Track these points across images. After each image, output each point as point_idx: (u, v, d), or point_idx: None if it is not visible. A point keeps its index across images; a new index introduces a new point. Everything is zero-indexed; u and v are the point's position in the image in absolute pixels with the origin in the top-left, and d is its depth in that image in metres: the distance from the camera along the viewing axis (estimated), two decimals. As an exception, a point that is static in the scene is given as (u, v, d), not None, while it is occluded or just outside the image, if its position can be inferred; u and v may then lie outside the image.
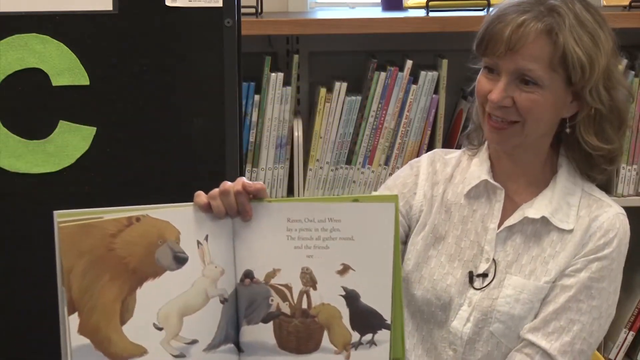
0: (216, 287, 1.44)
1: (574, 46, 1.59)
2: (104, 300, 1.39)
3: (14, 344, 1.71)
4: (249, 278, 1.46)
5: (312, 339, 1.47)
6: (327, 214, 1.45)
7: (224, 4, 1.69)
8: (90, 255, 1.38)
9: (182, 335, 1.42)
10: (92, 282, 1.38)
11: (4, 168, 1.68)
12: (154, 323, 1.41)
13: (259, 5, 2.50)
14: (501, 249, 1.70)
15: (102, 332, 1.39)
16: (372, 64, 2.52)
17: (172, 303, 1.42)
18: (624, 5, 2.55)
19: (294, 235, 1.45)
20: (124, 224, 1.40)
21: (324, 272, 1.45)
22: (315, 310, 1.46)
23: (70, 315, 1.38)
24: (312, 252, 1.45)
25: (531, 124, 1.63)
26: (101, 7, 1.68)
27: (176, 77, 1.70)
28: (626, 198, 2.56)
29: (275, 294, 1.46)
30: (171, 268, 1.42)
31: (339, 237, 1.45)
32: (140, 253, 1.40)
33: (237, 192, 1.42)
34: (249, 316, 1.46)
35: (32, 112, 1.68)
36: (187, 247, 1.42)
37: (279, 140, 2.51)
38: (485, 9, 2.54)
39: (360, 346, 1.45)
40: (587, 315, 1.65)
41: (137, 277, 1.40)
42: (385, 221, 1.44)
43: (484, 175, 1.72)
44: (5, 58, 1.67)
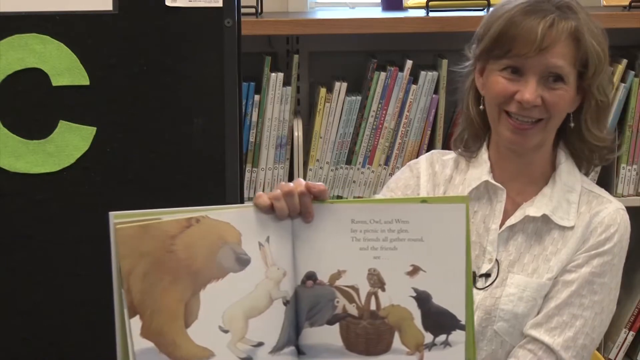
0: (279, 289, 1.42)
1: (593, 44, 1.64)
2: (166, 303, 1.35)
3: (13, 344, 1.71)
4: (311, 280, 1.44)
5: (382, 341, 1.45)
6: (394, 215, 1.43)
7: (224, 4, 1.69)
8: (150, 257, 1.35)
9: (248, 338, 1.40)
10: (153, 285, 1.35)
11: (4, 168, 1.68)
12: (219, 325, 1.38)
13: (259, 5, 2.50)
14: (503, 248, 1.70)
15: (166, 335, 1.35)
16: (372, 64, 2.52)
17: (237, 305, 1.39)
18: (624, 5, 2.55)
19: (359, 236, 1.44)
20: (184, 225, 1.37)
21: (393, 273, 1.43)
22: (384, 312, 1.44)
23: (132, 319, 1.34)
24: (379, 254, 1.43)
25: (555, 121, 1.67)
26: (101, 7, 1.68)
27: (176, 77, 1.70)
28: (626, 198, 2.56)
29: (340, 295, 1.44)
30: (234, 270, 1.39)
31: (407, 238, 1.43)
32: (202, 255, 1.37)
33: (301, 193, 1.40)
34: (312, 318, 1.44)
35: (32, 112, 1.68)
36: (249, 249, 1.40)
37: (279, 140, 2.51)
38: (485, 9, 2.54)
39: (434, 347, 1.43)
40: (590, 310, 1.65)
41: (200, 279, 1.37)
42: (456, 222, 1.42)
43: (484, 176, 1.72)
44: (5, 58, 1.67)
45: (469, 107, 1.76)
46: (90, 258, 1.71)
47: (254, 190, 2.52)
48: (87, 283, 1.71)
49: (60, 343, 1.71)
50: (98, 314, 1.72)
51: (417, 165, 1.82)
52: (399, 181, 1.82)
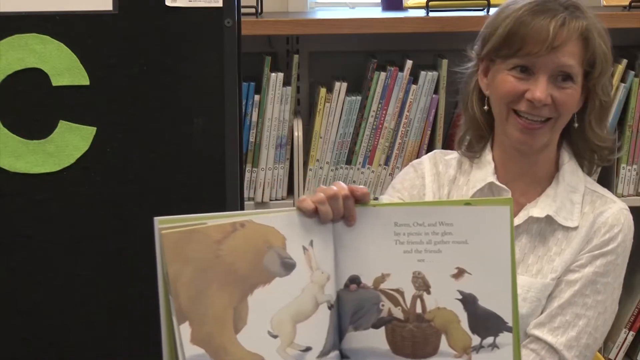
0: (324, 293, 1.41)
1: (601, 44, 1.66)
2: (215, 309, 1.33)
3: (13, 344, 1.71)
4: (355, 283, 1.43)
5: (429, 344, 1.44)
6: (438, 218, 1.42)
7: (224, 4, 1.69)
8: (197, 262, 1.32)
9: (296, 343, 1.39)
10: (201, 291, 1.32)
11: (4, 168, 1.68)
12: (268, 330, 1.37)
13: (259, 5, 2.50)
14: None
15: (216, 341, 1.33)
16: (372, 64, 2.52)
17: (284, 310, 1.38)
18: (624, 5, 2.55)
19: (403, 239, 1.43)
20: (229, 230, 1.35)
21: (438, 276, 1.43)
22: (430, 315, 1.43)
23: (181, 325, 1.31)
24: (423, 256, 1.43)
25: (562, 120, 1.68)
26: (101, 7, 1.68)
27: (176, 77, 1.70)
28: (626, 198, 2.56)
29: (385, 299, 1.43)
30: (280, 274, 1.37)
31: (452, 240, 1.42)
32: (248, 259, 1.36)
33: (345, 196, 1.40)
34: (356, 322, 1.43)
35: (32, 112, 1.68)
36: (293, 253, 1.39)
37: (279, 140, 2.51)
38: (485, 9, 2.54)
39: (481, 349, 1.42)
40: (593, 309, 1.66)
41: (248, 284, 1.35)
42: (501, 224, 1.42)
43: (489, 178, 1.72)
44: (5, 58, 1.67)
45: (473, 108, 1.75)
46: (90, 258, 1.71)
47: (254, 190, 2.52)
48: (87, 283, 1.71)
49: (60, 343, 1.71)
50: (98, 314, 1.72)
51: (421, 166, 1.81)
52: (404, 182, 1.81)
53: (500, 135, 1.72)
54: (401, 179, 1.82)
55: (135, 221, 1.71)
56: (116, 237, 1.71)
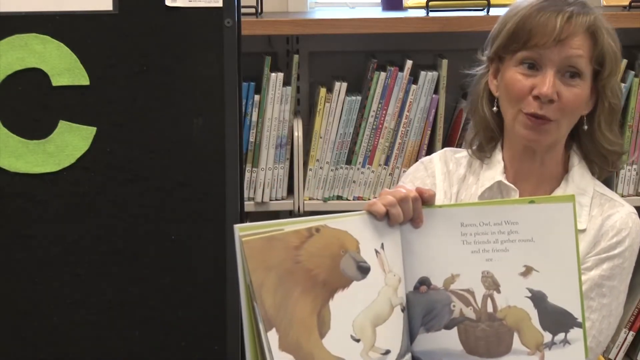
0: (397, 295, 1.42)
1: (610, 43, 1.65)
2: (300, 315, 1.34)
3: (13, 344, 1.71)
4: (425, 285, 1.44)
5: (502, 342, 1.45)
6: (503, 217, 1.44)
7: (224, 4, 1.69)
8: (279, 269, 1.33)
9: (377, 346, 1.40)
10: (284, 297, 1.33)
11: (4, 168, 1.68)
12: (351, 335, 1.37)
13: (259, 5, 2.50)
14: None
15: (303, 348, 1.34)
16: (372, 64, 2.52)
17: (364, 313, 1.39)
18: (624, 5, 2.55)
19: (470, 239, 1.44)
20: (305, 235, 1.36)
21: (506, 274, 1.44)
22: (501, 314, 1.44)
23: (269, 332, 1.31)
24: (490, 256, 1.44)
25: (569, 119, 1.66)
26: (101, 7, 1.68)
27: (176, 77, 1.70)
28: (626, 198, 2.56)
29: (456, 299, 1.44)
30: (357, 278, 1.39)
31: (518, 239, 1.44)
32: (327, 264, 1.36)
33: (414, 198, 1.41)
34: (428, 324, 1.44)
35: (32, 112, 1.68)
36: (367, 256, 1.40)
37: (279, 140, 2.51)
38: (485, 9, 2.54)
39: (553, 346, 1.44)
40: (597, 312, 1.65)
41: (328, 289, 1.36)
42: (565, 220, 1.44)
43: (498, 177, 1.72)
44: (5, 58, 1.67)
45: (483, 110, 1.75)
46: (90, 258, 1.71)
47: (254, 190, 2.52)
48: (87, 283, 1.71)
49: (60, 343, 1.71)
50: (98, 314, 1.72)
51: (431, 164, 1.81)
52: (415, 180, 1.81)
53: (510, 136, 1.73)
54: (411, 177, 1.82)
55: (135, 221, 1.71)
56: (116, 237, 1.71)
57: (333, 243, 1.38)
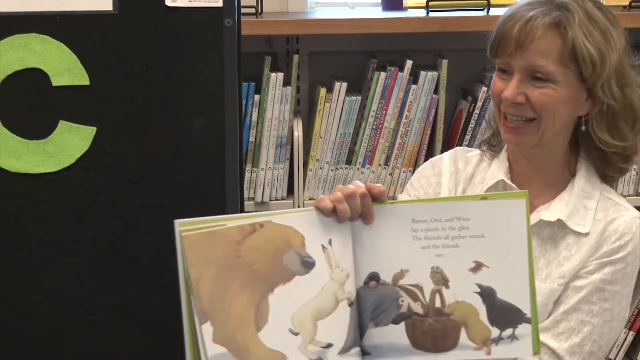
0: (344, 290, 1.43)
1: (584, 40, 1.60)
2: (237, 308, 1.36)
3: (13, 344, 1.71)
4: (374, 280, 1.46)
5: (449, 337, 1.46)
6: (454, 213, 1.45)
7: (224, 4, 1.69)
8: (218, 263, 1.35)
9: (317, 340, 1.41)
10: (222, 291, 1.35)
11: (4, 168, 1.68)
12: (289, 328, 1.40)
13: (259, 5, 2.50)
14: None
15: (238, 340, 1.36)
16: (372, 64, 2.52)
17: (305, 308, 1.41)
18: (624, 5, 2.55)
19: (420, 235, 1.46)
20: (248, 230, 1.38)
21: (456, 270, 1.45)
22: (449, 309, 1.45)
23: (203, 325, 1.34)
24: (441, 252, 1.46)
25: (546, 121, 1.64)
26: (101, 7, 1.68)
27: (176, 77, 1.70)
28: (626, 198, 2.55)
29: (405, 294, 1.46)
30: (300, 273, 1.41)
31: (469, 235, 1.45)
32: (268, 259, 1.39)
33: (362, 194, 1.42)
34: (377, 318, 1.46)
35: (32, 112, 1.68)
36: (313, 252, 1.42)
37: (279, 140, 2.51)
38: (485, 9, 2.54)
39: (501, 341, 1.45)
40: (599, 317, 1.64)
41: (268, 283, 1.38)
42: (517, 217, 1.44)
43: (500, 176, 1.72)
44: (5, 58, 1.67)
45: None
46: (90, 258, 1.71)
47: (254, 190, 2.52)
48: (87, 283, 1.71)
49: (60, 343, 1.71)
50: (98, 314, 1.72)
51: (440, 163, 1.82)
52: (420, 179, 1.82)
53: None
54: (418, 177, 1.83)
55: (135, 221, 1.71)
56: (116, 237, 1.71)
57: (277, 238, 1.40)
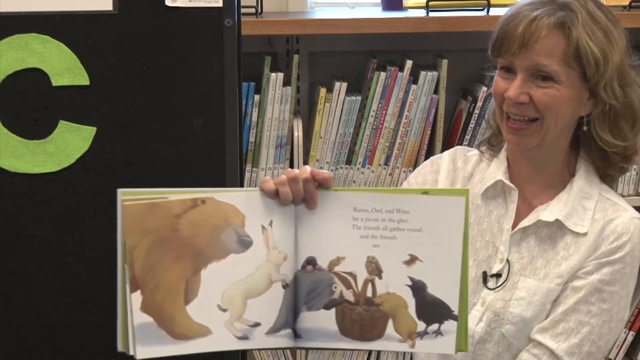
0: (279, 272, 1.46)
1: (587, 40, 1.60)
2: (167, 280, 1.40)
3: (13, 344, 1.71)
4: (311, 265, 1.48)
5: (376, 327, 1.49)
6: (395, 205, 1.47)
7: (224, 4, 1.69)
8: (155, 234, 1.40)
9: (245, 318, 1.44)
10: (155, 261, 1.40)
11: (4, 168, 1.68)
12: (218, 304, 1.43)
13: (259, 5, 2.50)
14: (515, 250, 1.70)
15: (165, 311, 1.40)
16: (372, 64, 2.52)
17: (236, 285, 1.44)
18: (624, 5, 2.55)
19: (360, 224, 1.47)
20: (189, 205, 1.42)
21: (391, 261, 1.48)
22: (380, 299, 1.48)
23: (133, 293, 1.39)
24: (378, 242, 1.47)
25: (549, 121, 1.64)
26: (101, 7, 1.68)
27: (176, 77, 1.70)
28: (626, 198, 2.55)
29: (338, 281, 1.48)
30: (236, 251, 1.44)
31: (407, 228, 1.47)
32: (206, 235, 1.42)
33: (305, 179, 1.44)
34: (310, 302, 1.48)
35: (32, 112, 1.68)
36: (252, 232, 1.45)
37: (279, 140, 2.51)
38: (485, 9, 2.54)
39: (425, 335, 1.47)
40: (597, 318, 1.64)
41: (203, 258, 1.42)
42: (455, 214, 1.46)
43: (499, 176, 1.72)
44: (5, 58, 1.67)
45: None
46: (90, 258, 1.71)
47: (254, 190, 2.52)
48: (87, 283, 1.71)
49: (60, 343, 1.71)
50: (98, 314, 1.72)
51: (439, 160, 1.82)
52: (417, 176, 1.82)
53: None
54: (415, 174, 1.84)
55: (135, 221, 1.71)
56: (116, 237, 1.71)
57: (217, 215, 1.42)
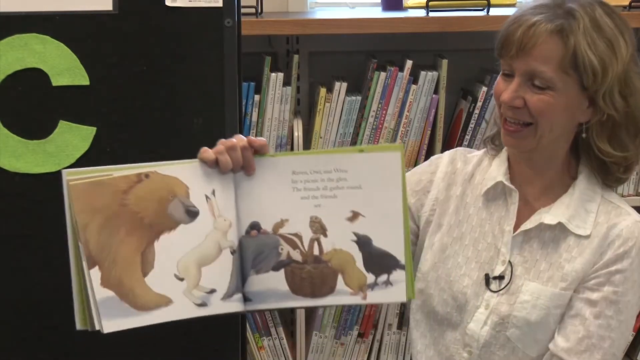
0: (226, 239, 1.50)
1: (586, 49, 1.58)
2: (123, 254, 1.43)
3: (13, 343, 1.71)
4: (255, 229, 1.52)
5: (326, 283, 1.53)
6: (333, 165, 1.52)
7: (224, 4, 1.69)
8: (105, 211, 1.43)
9: (202, 285, 1.48)
10: (109, 237, 1.42)
11: (4, 168, 1.68)
12: (174, 274, 1.46)
13: (259, 5, 2.50)
14: (517, 252, 1.69)
15: (125, 285, 1.43)
16: (372, 64, 2.52)
17: (189, 254, 1.47)
18: (624, 6, 2.55)
19: (300, 186, 1.52)
20: (134, 180, 1.45)
21: (334, 220, 1.52)
22: (327, 256, 1.52)
23: (91, 270, 1.41)
24: (319, 202, 1.52)
25: (543, 126, 1.63)
26: (101, 7, 1.68)
27: (176, 77, 1.70)
28: (626, 198, 2.56)
29: (285, 243, 1.52)
30: (184, 221, 1.48)
31: (347, 186, 1.52)
32: (153, 208, 1.46)
33: (243, 147, 1.49)
34: (258, 266, 1.52)
35: (32, 112, 1.68)
36: (197, 202, 1.48)
37: (279, 140, 2.51)
38: (485, 9, 2.54)
39: (376, 287, 1.52)
40: (617, 331, 1.64)
41: (154, 231, 1.45)
42: (392, 169, 1.51)
43: (499, 177, 1.72)
44: (5, 58, 1.67)
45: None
46: (90, 258, 1.71)
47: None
48: (87, 283, 1.71)
49: (60, 343, 1.71)
50: (98, 314, 1.71)
51: (438, 160, 1.82)
52: (413, 175, 1.82)
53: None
54: (412, 172, 1.83)
55: (135, 221, 1.71)
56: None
57: (162, 188, 1.47)
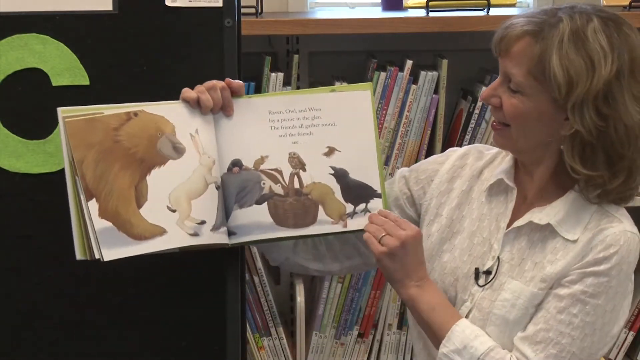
0: (211, 174, 1.61)
1: (554, 59, 1.56)
2: (119, 187, 1.53)
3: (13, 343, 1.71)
4: (237, 166, 1.63)
5: (308, 214, 1.66)
6: (307, 104, 1.66)
7: (224, 4, 1.69)
8: (99, 146, 1.52)
9: (193, 216, 1.58)
10: (104, 171, 1.52)
11: (4, 168, 1.68)
12: (167, 206, 1.56)
13: (259, 5, 2.50)
14: (508, 249, 1.69)
15: (122, 216, 1.53)
16: (372, 64, 2.52)
17: (179, 188, 1.58)
18: (624, 5, 2.55)
19: (277, 125, 1.65)
20: (124, 118, 1.55)
21: (311, 155, 1.65)
22: (307, 189, 1.66)
23: (89, 202, 1.51)
24: (296, 139, 1.65)
25: (516, 130, 1.64)
26: (101, 7, 1.68)
27: (176, 77, 1.70)
28: (626, 198, 2.55)
29: (266, 178, 1.64)
30: (173, 157, 1.58)
31: (321, 123, 1.66)
32: (144, 144, 1.56)
33: (222, 87, 1.62)
34: (241, 201, 1.63)
35: (32, 112, 1.68)
36: (183, 139, 1.59)
37: (279, 140, 2.51)
38: (485, 9, 2.54)
39: (355, 215, 1.67)
40: (579, 330, 1.61)
41: (145, 166, 1.56)
42: (363, 106, 1.67)
43: (502, 174, 1.72)
44: (5, 58, 1.67)
45: None
46: (90, 258, 1.71)
47: (254, 190, 2.52)
48: (86, 283, 1.71)
49: (60, 343, 1.71)
50: (98, 314, 1.72)
51: (451, 153, 1.83)
52: (422, 164, 1.84)
53: None
54: (424, 161, 1.86)
55: (135, 221, 1.71)
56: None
57: (150, 126, 1.57)
